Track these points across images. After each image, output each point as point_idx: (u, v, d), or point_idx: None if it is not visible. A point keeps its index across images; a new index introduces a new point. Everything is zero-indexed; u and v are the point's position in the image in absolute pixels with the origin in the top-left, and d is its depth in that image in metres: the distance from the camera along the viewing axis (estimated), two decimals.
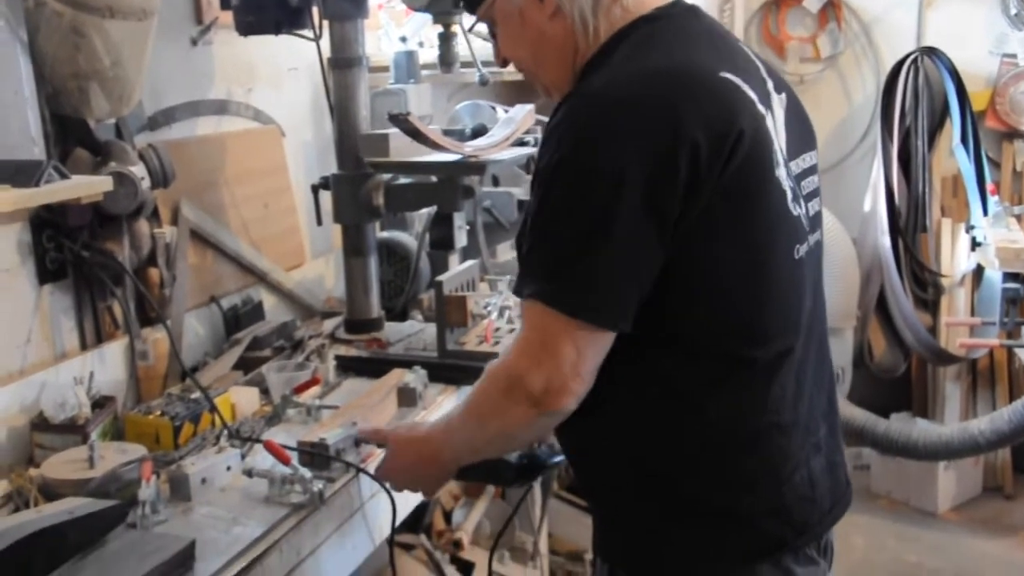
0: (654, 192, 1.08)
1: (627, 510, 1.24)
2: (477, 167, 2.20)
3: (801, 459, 1.23)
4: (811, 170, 1.28)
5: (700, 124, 1.08)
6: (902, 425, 3.65)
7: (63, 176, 1.62)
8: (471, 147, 2.21)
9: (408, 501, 1.80)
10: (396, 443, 1.43)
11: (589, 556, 3.17)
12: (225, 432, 1.70)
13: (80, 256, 1.84)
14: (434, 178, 2.26)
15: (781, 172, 1.17)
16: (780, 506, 1.21)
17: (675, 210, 1.09)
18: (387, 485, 1.47)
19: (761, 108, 1.17)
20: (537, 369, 1.13)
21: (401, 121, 1.99)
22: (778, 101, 1.23)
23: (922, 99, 3.88)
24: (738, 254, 1.13)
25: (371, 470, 1.60)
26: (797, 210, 1.20)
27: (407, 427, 1.47)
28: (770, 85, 1.23)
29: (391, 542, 1.65)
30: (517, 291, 1.17)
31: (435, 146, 2.07)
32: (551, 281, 1.12)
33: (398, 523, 1.66)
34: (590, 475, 1.31)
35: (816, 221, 1.28)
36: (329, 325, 2.39)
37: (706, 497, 1.19)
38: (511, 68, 1.36)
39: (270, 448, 1.52)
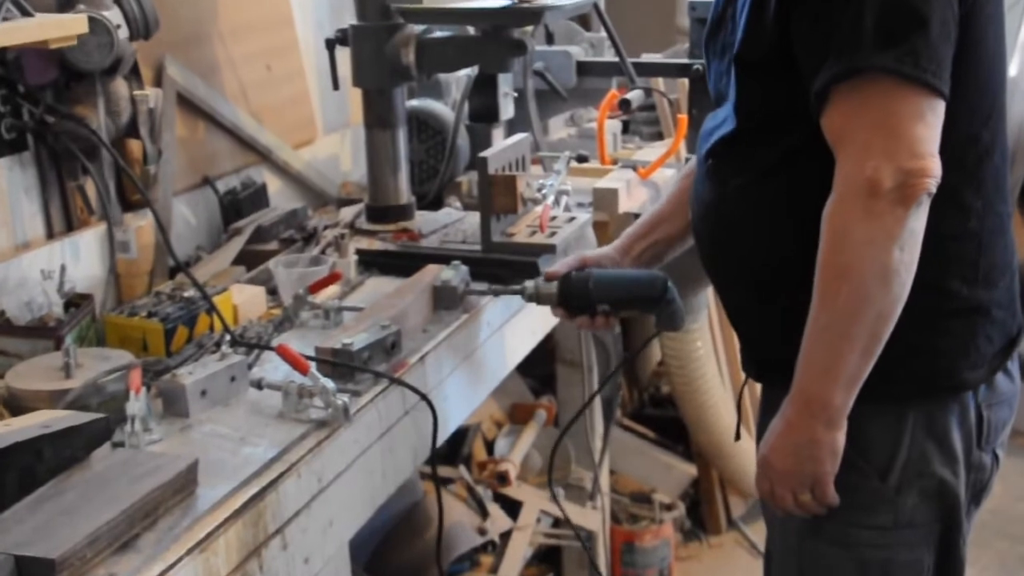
0: None
1: (897, 336, 1.33)
2: (531, 14, 2.13)
3: (1015, 250, 1.47)
4: None
5: None
6: None
7: (25, 13, 1.56)
8: None
9: (449, 423, 1.79)
10: (768, 456, 1.44)
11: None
12: (227, 337, 1.68)
13: (44, 122, 1.81)
14: (476, 31, 2.19)
15: None
16: (1011, 297, 1.46)
17: None
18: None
19: None
20: (887, 161, 1.24)
21: None
22: None
23: None
24: (992, 43, 1.36)
25: (407, 379, 1.59)
26: None
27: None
28: None
29: (435, 473, 1.64)
30: (843, 72, 1.26)
31: None
32: (894, 49, 1.23)
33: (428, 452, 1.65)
34: None
35: None
36: (347, 214, 2.37)
37: (961, 294, 1.39)
38: None
39: (284, 354, 1.51)
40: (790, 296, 1.42)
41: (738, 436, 1.81)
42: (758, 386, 1.64)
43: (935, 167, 1.26)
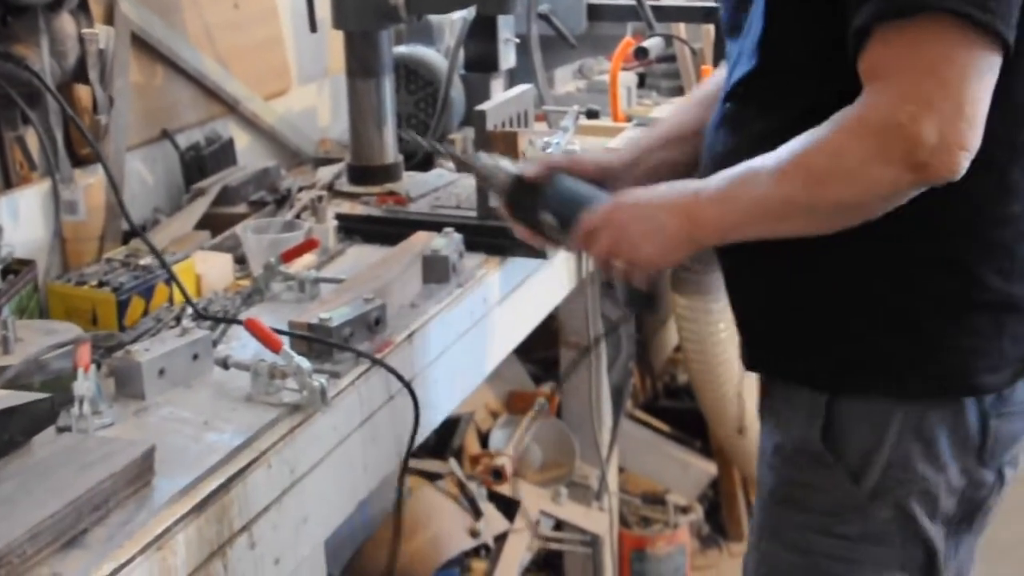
0: None
1: (900, 323, 1.35)
2: None
3: None
4: None
5: None
6: None
7: None
8: None
9: (436, 413, 1.79)
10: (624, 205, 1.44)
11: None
12: (189, 310, 1.68)
13: None
14: None
15: None
16: None
17: None
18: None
19: None
20: (930, 114, 1.17)
21: None
22: None
23: None
24: None
25: (391, 362, 1.58)
26: None
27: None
28: None
29: (405, 464, 1.64)
30: (894, 7, 1.20)
31: None
32: None
33: (419, 442, 1.66)
34: (828, 268, 1.38)
35: None
36: (326, 174, 2.37)
37: (993, 286, 1.34)
38: None
39: (253, 329, 1.50)
40: (810, 271, 1.39)
41: (740, 429, 1.79)
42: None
43: (973, 142, 1.20)
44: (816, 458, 1.40)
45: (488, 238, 1.97)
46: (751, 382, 3.02)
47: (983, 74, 1.20)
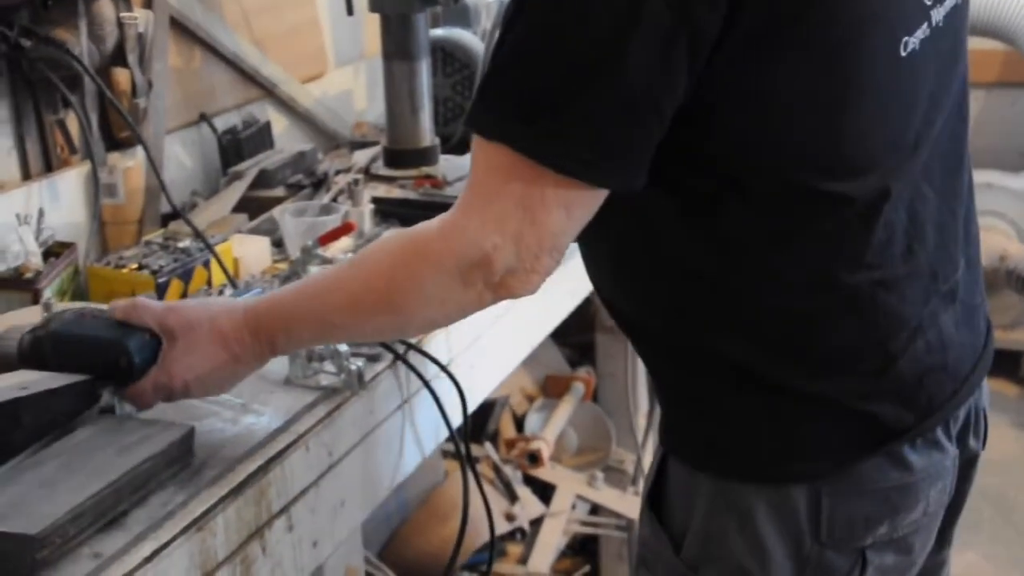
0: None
1: (692, 397, 1.30)
2: None
3: (924, 319, 1.24)
4: None
5: None
6: None
7: None
8: None
9: (475, 395, 1.79)
10: (185, 333, 1.28)
11: None
12: (229, 292, 1.69)
13: (18, 47, 1.79)
14: None
15: None
16: (895, 386, 1.24)
17: (714, 24, 1.06)
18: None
19: None
20: (511, 244, 1.12)
21: None
22: None
23: None
24: (809, 74, 1.11)
25: (428, 346, 1.58)
26: None
27: (198, 307, 1.32)
28: None
29: (467, 450, 1.64)
30: (479, 125, 1.12)
31: None
32: (532, 120, 1.08)
33: (456, 425, 1.66)
34: (647, 355, 1.37)
35: None
36: (362, 157, 2.36)
37: (790, 383, 1.22)
38: None
39: None
40: (642, 344, 1.35)
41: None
42: None
43: (551, 266, 1.15)
44: (648, 520, 1.34)
45: None
46: None
47: (574, 205, 1.12)
